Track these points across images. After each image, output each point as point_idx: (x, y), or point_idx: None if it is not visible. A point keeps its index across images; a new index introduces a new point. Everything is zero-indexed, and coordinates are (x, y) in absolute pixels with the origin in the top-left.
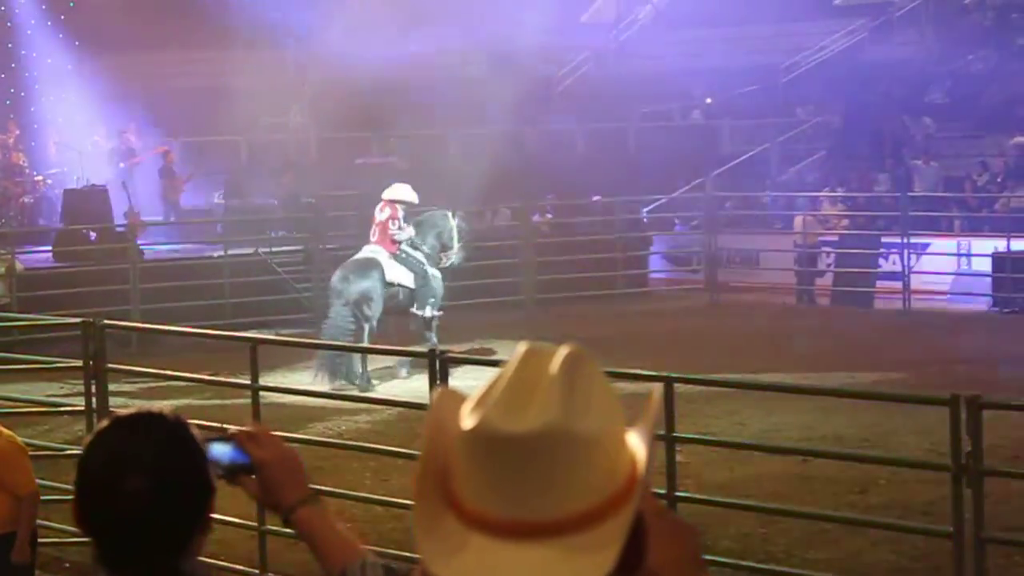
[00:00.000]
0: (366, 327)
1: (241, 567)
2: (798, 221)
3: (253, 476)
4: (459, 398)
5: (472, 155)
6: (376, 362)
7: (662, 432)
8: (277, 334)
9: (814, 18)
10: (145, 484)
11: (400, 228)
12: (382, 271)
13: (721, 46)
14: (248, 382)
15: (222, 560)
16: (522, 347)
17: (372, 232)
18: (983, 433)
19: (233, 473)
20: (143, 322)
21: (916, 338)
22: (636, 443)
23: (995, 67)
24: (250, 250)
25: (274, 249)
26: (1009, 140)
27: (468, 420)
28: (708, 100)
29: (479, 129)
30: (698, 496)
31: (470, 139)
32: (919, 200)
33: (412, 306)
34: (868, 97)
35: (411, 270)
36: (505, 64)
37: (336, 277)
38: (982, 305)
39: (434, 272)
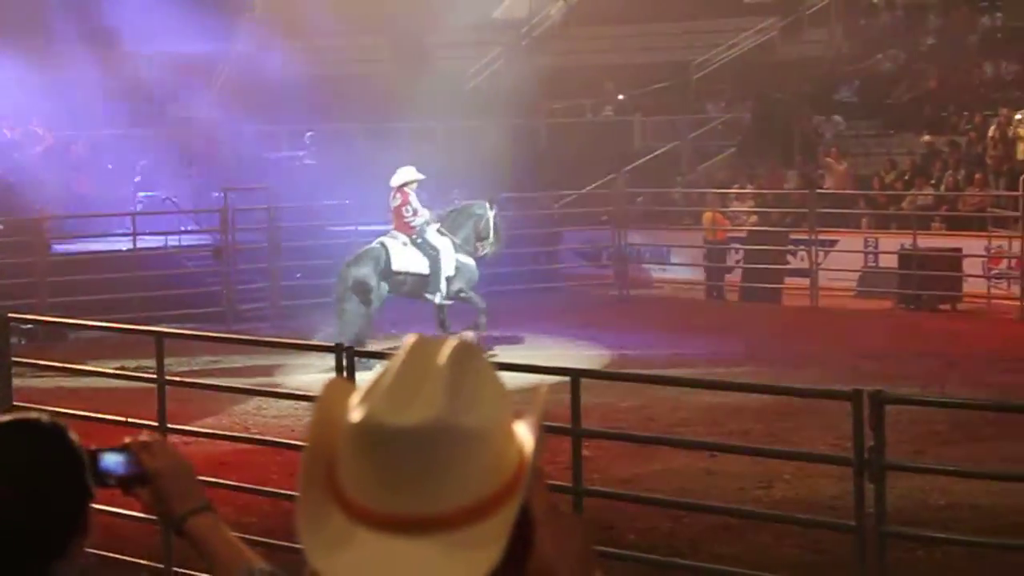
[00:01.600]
0: (364, 311)
1: (145, 562)
2: (707, 217)
3: (145, 485)
4: (348, 389)
5: (382, 150)
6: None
7: (568, 427)
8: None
9: (725, 15)
10: (12, 493)
11: (415, 213)
12: (383, 260)
13: (633, 42)
14: (154, 376)
15: (127, 555)
16: (409, 339)
17: (390, 218)
18: (884, 428)
19: (126, 483)
20: (52, 316)
21: (823, 334)
22: (524, 436)
23: (904, 66)
24: (159, 243)
25: (184, 243)
26: (917, 138)
27: (354, 413)
28: (620, 96)
29: (389, 124)
30: (604, 490)
31: (380, 135)
32: (827, 197)
33: (424, 292)
34: (778, 95)
35: (425, 256)
36: (416, 60)
37: (342, 265)
38: (888, 302)
39: (466, 260)
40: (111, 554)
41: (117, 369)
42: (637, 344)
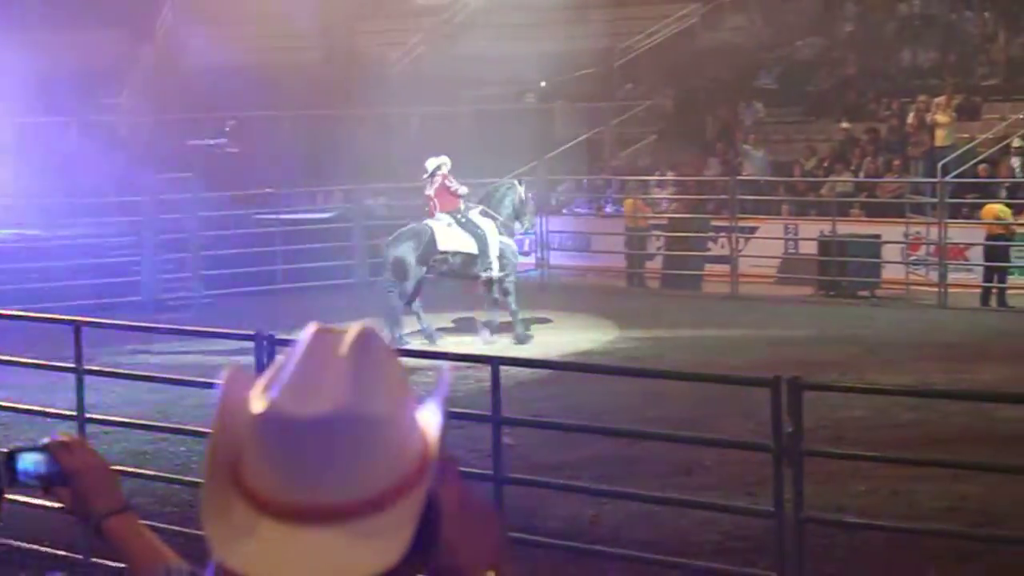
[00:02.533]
0: (396, 290)
1: (64, 553)
2: (628, 204)
3: (64, 485)
4: (248, 379)
5: (305, 138)
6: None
7: (488, 414)
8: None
9: (647, 3)
10: None
11: (458, 187)
12: (425, 239)
13: (555, 29)
14: (72, 365)
15: (45, 546)
16: (311, 328)
17: (428, 208)
18: (803, 414)
19: (45, 483)
20: None
21: (743, 321)
22: (428, 424)
23: (823, 53)
24: (81, 231)
25: (105, 231)
26: (836, 125)
27: (257, 403)
28: (542, 83)
29: (313, 111)
30: (526, 477)
31: (303, 122)
32: (748, 184)
33: (476, 271)
34: (699, 82)
35: (471, 235)
36: (338, 48)
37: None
38: (808, 288)
39: (508, 242)
40: (30, 545)
41: (34, 359)
42: (558, 331)
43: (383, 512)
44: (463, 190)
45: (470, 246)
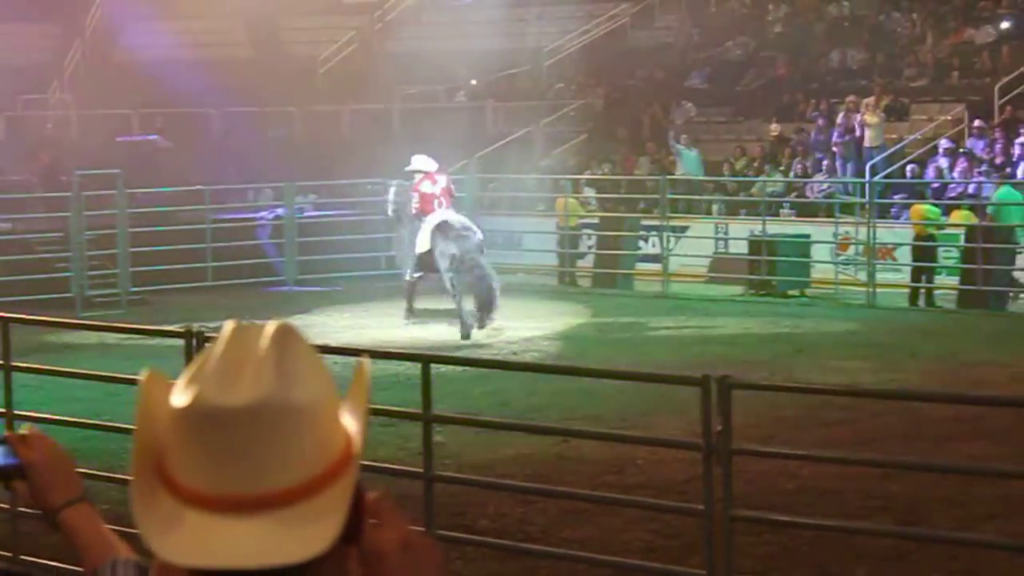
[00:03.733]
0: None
1: None
2: (560, 203)
3: (24, 478)
4: (165, 378)
5: (236, 135)
6: None
7: (419, 412)
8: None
9: (577, 2)
10: None
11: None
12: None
13: (485, 28)
14: (0, 362)
15: None
16: (229, 324)
17: (437, 203)
18: (731, 413)
19: (4, 476)
20: None
21: (674, 319)
22: (349, 416)
23: (753, 53)
24: (7, 226)
25: (33, 228)
26: (766, 125)
27: (180, 397)
28: (473, 82)
29: (244, 108)
30: (456, 475)
31: (234, 119)
32: (679, 183)
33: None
34: (630, 81)
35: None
36: (269, 44)
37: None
38: (739, 287)
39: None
40: None
41: None
42: (489, 329)
43: (310, 500)
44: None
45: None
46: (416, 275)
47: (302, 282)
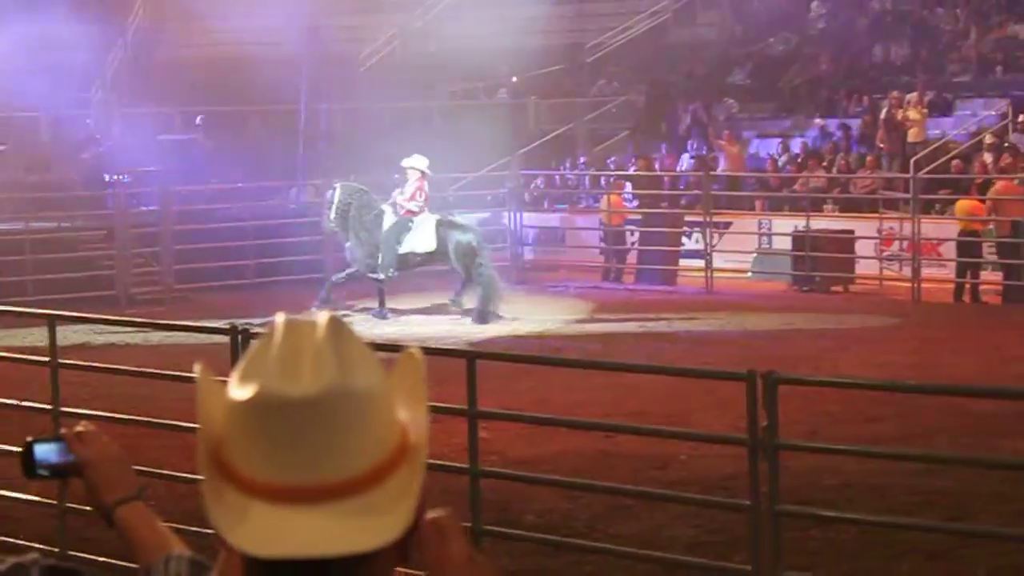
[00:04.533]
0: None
1: (40, 545)
2: (607, 201)
3: (80, 475)
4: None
5: (276, 133)
6: None
7: (464, 408)
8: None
9: None
10: None
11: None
12: None
13: (527, 25)
14: (47, 358)
15: (21, 539)
16: (280, 319)
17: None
18: (778, 408)
19: (59, 473)
20: None
21: (718, 315)
22: (403, 407)
23: (795, 49)
24: (52, 224)
25: (76, 225)
26: (809, 121)
27: (240, 390)
28: (514, 79)
29: (284, 106)
30: (501, 471)
31: (274, 117)
32: (722, 179)
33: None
34: (671, 77)
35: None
36: (311, 42)
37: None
38: (782, 283)
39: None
40: (3, 537)
41: (8, 351)
42: (533, 326)
43: (373, 490)
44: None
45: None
46: (395, 273)
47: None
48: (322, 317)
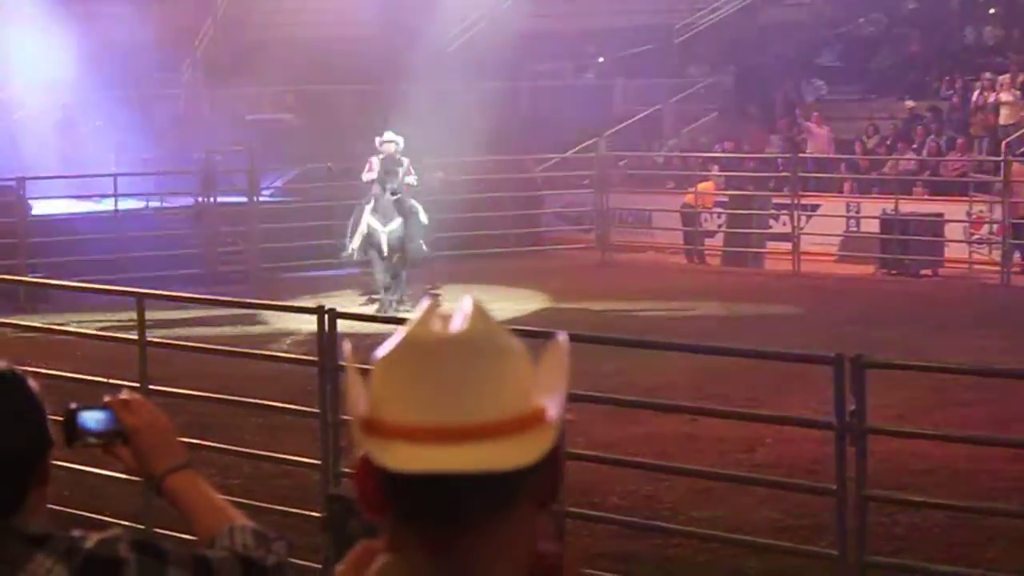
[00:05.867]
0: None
1: (125, 522)
2: (702, 186)
3: (126, 444)
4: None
5: (364, 113)
6: None
7: None
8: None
9: None
10: None
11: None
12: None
13: (614, 5)
14: (135, 337)
15: (107, 515)
16: (424, 303)
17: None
18: (866, 392)
19: (106, 441)
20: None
21: (805, 298)
22: (547, 386)
23: (885, 30)
24: (141, 204)
25: (165, 204)
26: (899, 103)
27: (391, 343)
28: (600, 60)
29: (371, 86)
30: (586, 453)
31: (362, 96)
32: (809, 161)
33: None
34: (760, 59)
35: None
36: (398, 23)
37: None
38: (870, 267)
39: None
40: (90, 514)
41: (98, 330)
42: (619, 307)
43: (509, 438)
44: (366, 175)
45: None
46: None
47: (434, 258)
48: (465, 300)
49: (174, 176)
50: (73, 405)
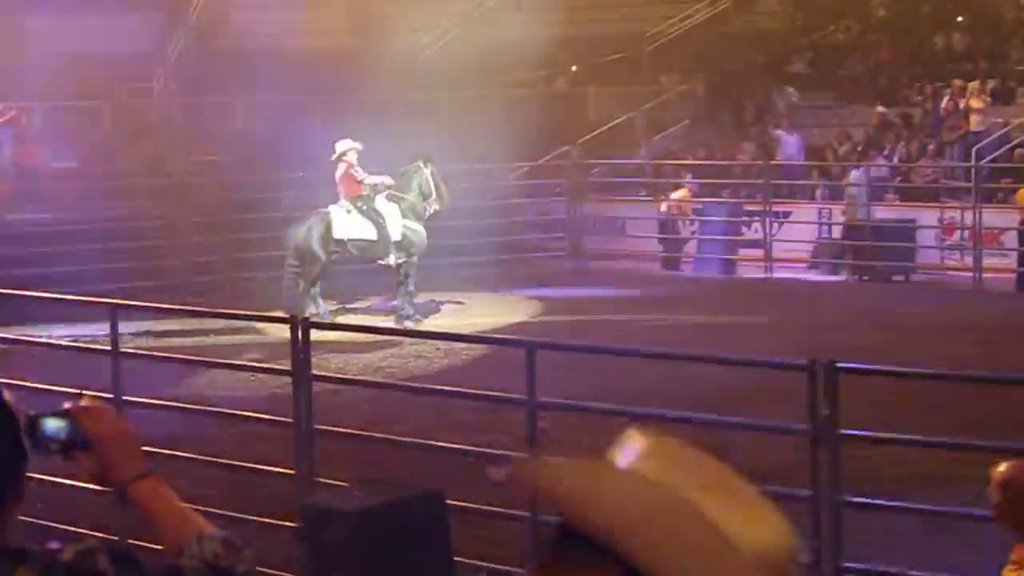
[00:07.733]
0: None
1: (100, 535)
2: (677, 193)
3: (86, 451)
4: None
5: (335, 123)
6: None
7: (524, 398)
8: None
9: None
10: None
11: (364, 173)
12: (326, 227)
13: (586, 14)
14: (108, 347)
15: (81, 527)
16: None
17: (338, 191)
18: (840, 398)
19: (68, 449)
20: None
21: (777, 305)
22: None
23: (856, 37)
24: (112, 215)
25: (137, 215)
26: (870, 110)
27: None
28: (573, 68)
29: (343, 96)
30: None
31: (333, 107)
32: (781, 168)
33: (377, 257)
34: (732, 66)
35: (371, 221)
36: (371, 33)
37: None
38: (841, 273)
39: (411, 225)
40: (63, 526)
41: (70, 341)
42: (592, 315)
43: None
44: (369, 179)
45: (369, 232)
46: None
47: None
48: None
49: (148, 186)
50: (32, 412)
